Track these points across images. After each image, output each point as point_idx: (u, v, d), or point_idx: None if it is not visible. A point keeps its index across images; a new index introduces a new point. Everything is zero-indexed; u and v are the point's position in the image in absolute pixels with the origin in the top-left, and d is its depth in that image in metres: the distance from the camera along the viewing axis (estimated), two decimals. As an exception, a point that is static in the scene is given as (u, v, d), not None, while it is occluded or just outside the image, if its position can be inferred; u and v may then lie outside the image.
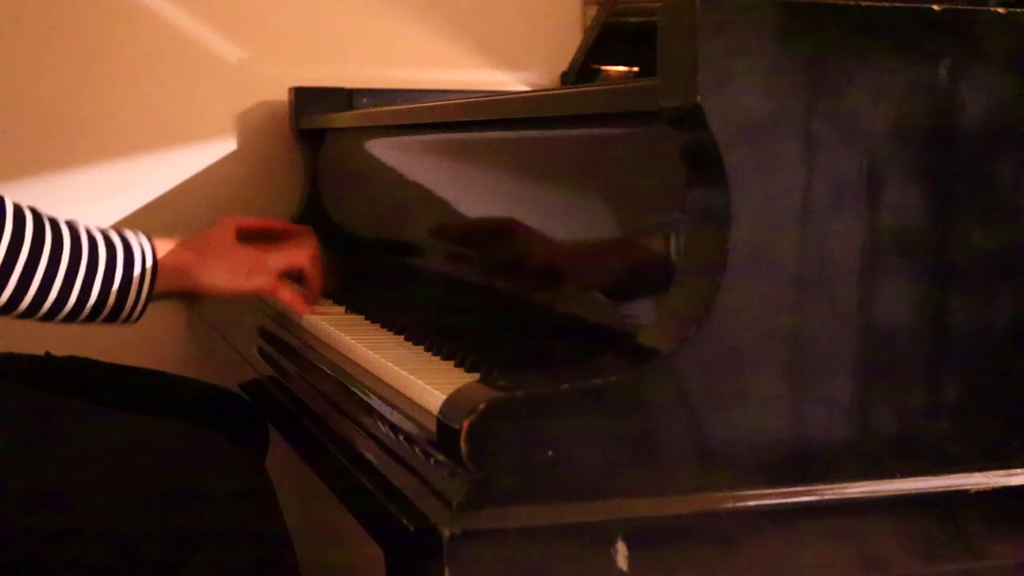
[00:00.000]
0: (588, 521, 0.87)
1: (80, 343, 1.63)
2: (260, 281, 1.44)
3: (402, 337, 1.32)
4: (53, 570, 1.18)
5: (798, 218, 0.91)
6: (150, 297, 1.33)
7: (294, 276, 1.51)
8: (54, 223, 1.28)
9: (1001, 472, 0.96)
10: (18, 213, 1.25)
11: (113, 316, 1.32)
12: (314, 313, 1.49)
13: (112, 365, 1.61)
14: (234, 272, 1.42)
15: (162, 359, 1.87)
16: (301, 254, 1.49)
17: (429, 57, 2.12)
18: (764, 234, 0.90)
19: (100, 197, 1.95)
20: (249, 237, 1.49)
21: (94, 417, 1.29)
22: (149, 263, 1.32)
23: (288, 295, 1.47)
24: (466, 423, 0.84)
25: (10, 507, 1.17)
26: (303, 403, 1.24)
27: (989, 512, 0.96)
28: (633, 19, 1.73)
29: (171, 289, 1.36)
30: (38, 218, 1.26)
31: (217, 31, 2.02)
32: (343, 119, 1.91)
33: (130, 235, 1.34)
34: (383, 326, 1.39)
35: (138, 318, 1.34)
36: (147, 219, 1.98)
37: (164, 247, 1.36)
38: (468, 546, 0.84)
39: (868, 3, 0.91)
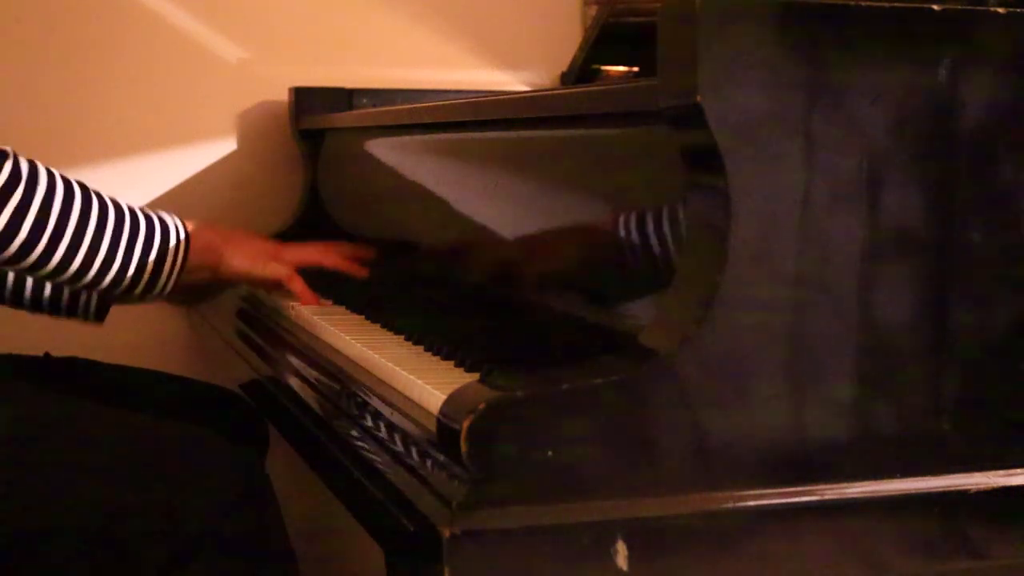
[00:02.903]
0: (588, 521, 0.87)
1: (80, 343, 1.63)
2: (275, 269, 1.49)
3: (402, 337, 1.32)
4: (53, 570, 1.18)
5: (798, 218, 0.91)
6: (183, 269, 1.38)
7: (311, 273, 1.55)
8: (99, 196, 1.33)
9: (1001, 472, 0.96)
10: (67, 184, 1.30)
11: (149, 288, 1.36)
12: (317, 304, 1.51)
13: (112, 365, 1.61)
14: (254, 257, 1.48)
15: (162, 359, 1.87)
16: (318, 252, 1.55)
17: (429, 57, 2.12)
18: (764, 234, 0.90)
19: (100, 197, 1.95)
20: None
21: (94, 417, 1.29)
22: (183, 237, 1.38)
23: (299, 285, 1.49)
24: (466, 423, 0.84)
25: (10, 507, 1.17)
26: (303, 403, 1.24)
27: (989, 512, 0.96)
28: (633, 19, 1.73)
29: (200, 264, 1.41)
30: (85, 190, 1.32)
31: (217, 31, 2.02)
32: (343, 119, 1.91)
33: (163, 212, 1.40)
34: (383, 326, 1.39)
35: (169, 291, 1.39)
36: (147, 219, 1.98)
37: (193, 226, 1.42)
38: (468, 546, 0.84)
39: (868, 3, 0.91)
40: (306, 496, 1.77)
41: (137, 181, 1.99)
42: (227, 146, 2.04)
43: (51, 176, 1.28)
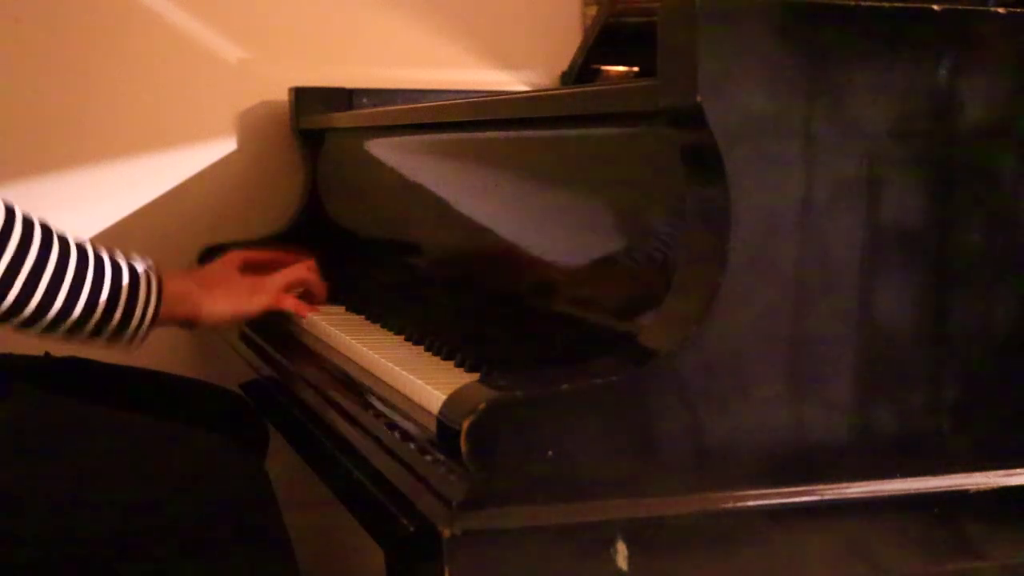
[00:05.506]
0: (588, 521, 0.87)
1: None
2: (261, 300, 1.45)
3: (402, 337, 1.32)
4: (52, 570, 1.18)
5: (798, 218, 0.91)
6: (154, 320, 1.33)
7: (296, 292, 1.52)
8: (65, 240, 1.27)
9: (1001, 472, 0.96)
10: (27, 222, 1.24)
11: (117, 334, 1.32)
12: (317, 313, 1.50)
13: (112, 365, 1.61)
14: (237, 296, 1.43)
15: (162, 359, 1.86)
16: (299, 269, 1.51)
17: (429, 57, 2.12)
18: (764, 234, 0.90)
19: (100, 197, 1.95)
20: (255, 268, 1.51)
21: (94, 417, 1.29)
22: (155, 288, 1.33)
23: (291, 303, 1.47)
24: (466, 423, 0.84)
25: (9, 507, 1.17)
26: (303, 403, 1.24)
27: (989, 512, 0.96)
28: (633, 19, 1.73)
29: (174, 316, 1.37)
30: (46, 230, 1.26)
31: (217, 31, 2.02)
32: (343, 119, 1.91)
33: (137, 260, 1.35)
34: (383, 326, 1.39)
35: (141, 341, 1.34)
36: (147, 219, 1.98)
37: (169, 276, 1.37)
38: (468, 546, 0.84)
39: (868, 3, 0.91)
40: (306, 496, 1.77)
41: (137, 181, 1.99)
42: (227, 146, 2.04)
43: (27, 225, 1.23)
